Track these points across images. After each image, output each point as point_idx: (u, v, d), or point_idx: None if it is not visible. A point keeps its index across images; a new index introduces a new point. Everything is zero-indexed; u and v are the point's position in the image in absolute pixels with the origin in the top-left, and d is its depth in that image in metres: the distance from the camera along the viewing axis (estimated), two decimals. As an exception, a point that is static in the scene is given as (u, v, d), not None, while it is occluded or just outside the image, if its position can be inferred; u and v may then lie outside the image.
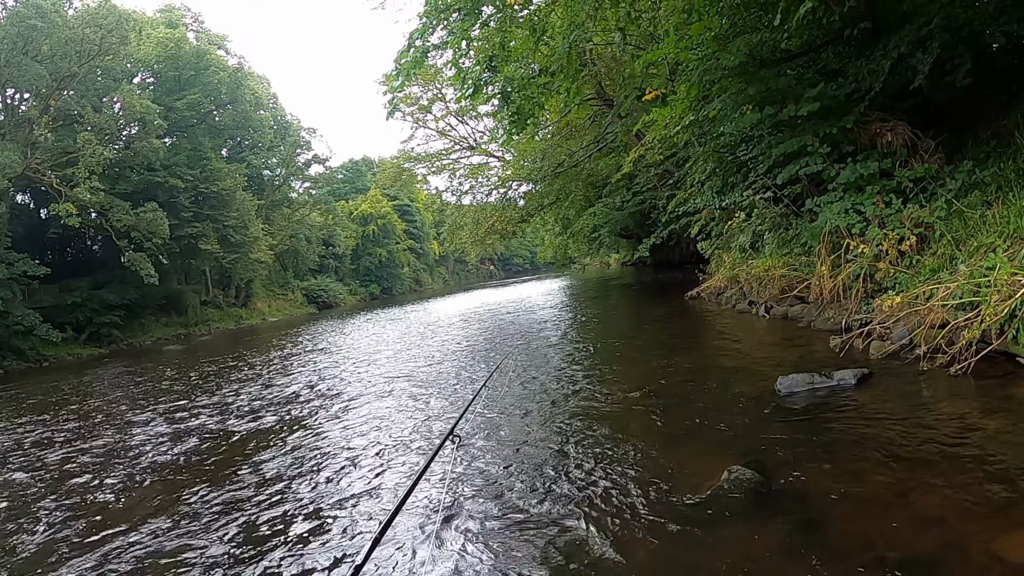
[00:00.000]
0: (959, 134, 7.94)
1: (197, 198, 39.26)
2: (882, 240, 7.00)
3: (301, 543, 3.94)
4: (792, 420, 4.71)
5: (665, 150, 15.34)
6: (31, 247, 31.37)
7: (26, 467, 7.17)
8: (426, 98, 34.60)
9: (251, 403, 9.41)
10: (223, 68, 44.44)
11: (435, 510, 3.90)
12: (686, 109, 10.13)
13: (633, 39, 13.97)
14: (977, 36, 7.24)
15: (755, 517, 3.26)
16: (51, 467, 7.01)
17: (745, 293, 11.05)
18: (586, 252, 39.53)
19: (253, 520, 4.43)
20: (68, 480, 6.31)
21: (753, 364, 6.91)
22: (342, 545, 3.80)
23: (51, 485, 6.22)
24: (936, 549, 2.71)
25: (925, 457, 3.60)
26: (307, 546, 3.88)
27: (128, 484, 5.86)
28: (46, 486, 6.20)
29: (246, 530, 4.27)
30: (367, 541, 1.81)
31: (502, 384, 7.45)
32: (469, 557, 3.35)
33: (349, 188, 79.03)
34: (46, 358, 27.91)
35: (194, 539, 4.20)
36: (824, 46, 9.09)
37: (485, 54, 11.55)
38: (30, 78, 29.45)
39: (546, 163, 26.52)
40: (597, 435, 5.10)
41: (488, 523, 3.74)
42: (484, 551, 3.39)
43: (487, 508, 3.96)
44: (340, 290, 63.26)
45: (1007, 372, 4.69)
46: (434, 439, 5.73)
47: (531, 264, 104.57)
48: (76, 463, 6.98)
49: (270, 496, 4.91)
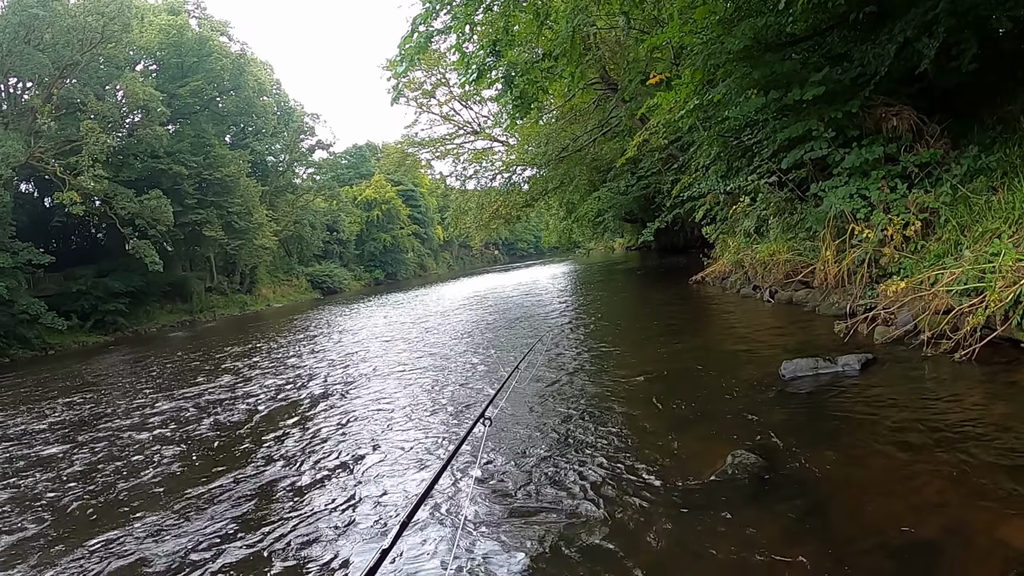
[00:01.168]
0: (965, 119, 7.90)
1: (201, 185, 39.25)
2: (887, 225, 6.99)
3: (327, 526, 3.98)
4: (796, 405, 4.75)
5: (669, 134, 15.29)
6: (35, 235, 31.43)
7: (36, 455, 7.25)
8: (430, 83, 34.38)
9: (268, 386, 9.48)
10: (226, 55, 44.23)
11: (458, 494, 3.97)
12: (690, 93, 10.10)
13: (637, 23, 13.88)
14: (983, 21, 7.18)
15: (759, 501, 3.30)
16: (74, 454, 7.09)
17: (750, 278, 11.06)
18: (590, 237, 39.36)
19: (279, 502, 4.50)
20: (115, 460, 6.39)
21: (757, 349, 6.94)
22: (369, 531, 3.84)
23: (78, 473, 6.29)
24: (939, 535, 2.73)
25: (929, 443, 3.63)
26: (334, 529, 3.92)
27: (161, 470, 5.94)
28: (57, 476, 6.28)
29: (273, 510, 4.34)
30: (398, 521, 1.83)
31: (525, 372, 7.30)
32: (484, 540, 3.41)
33: (353, 173, 78.85)
34: (51, 346, 28.02)
35: (215, 524, 4.26)
36: (829, 30, 9.02)
37: (489, 38, 11.53)
38: (32, 67, 29.36)
39: (550, 147, 26.37)
40: (602, 420, 5.16)
41: (496, 508, 3.80)
42: (496, 535, 3.45)
43: (499, 492, 4.02)
44: (344, 276, 63.30)
45: (1011, 358, 4.70)
46: (449, 427, 5.78)
47: (535, 249, 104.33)
48: (117, 445, 7.07)
49: (292, 481, 4.98)
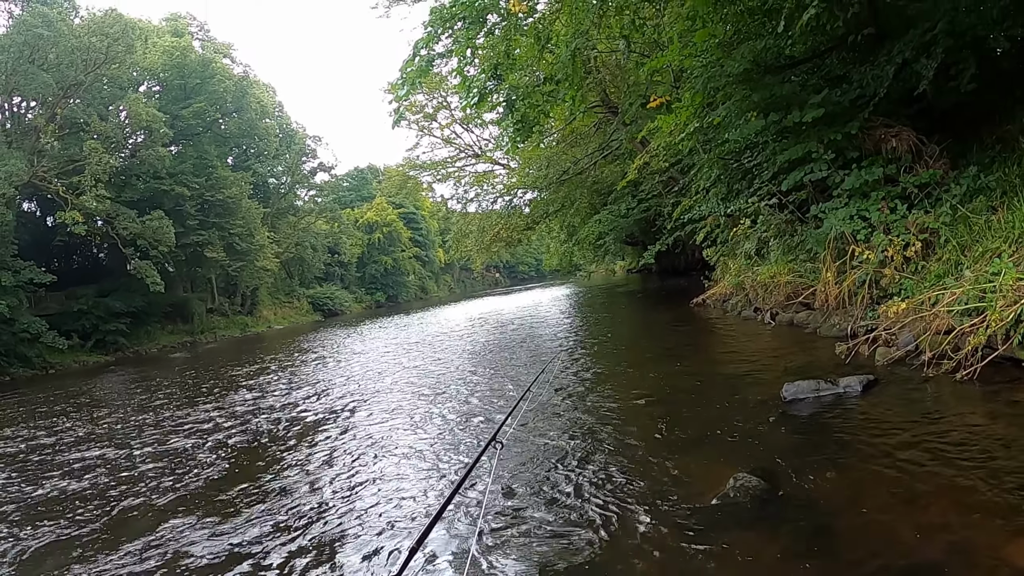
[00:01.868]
0: (964, 139, 7.94)
1: (203, 206, 39.39)
2: (887, 246, 6.99)
3: (334, 551, 3.88)
4: (798, 427, 4.70)
5: (670, 157, 15.39)
6: (37, 255, 31.53)
7: (34, 472, 7.18)
8: (431, 106, 34.74)
9: (278, 406, 9.44)
10: (228, 76, 44.71)
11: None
12: (691, 116, 10.17)
13: (637, 46, 14.03)
14: (981, 41, 7.25)
15: (761, 524, 3.25)
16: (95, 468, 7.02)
17: (751, 300, 11.04)
18: (591, 259, 39.50)
19: (286, 524, 4.42)
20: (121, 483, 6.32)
21: (758, 371, 6.89)
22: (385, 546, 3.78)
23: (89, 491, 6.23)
24: (943, 556, 2.69)
25: (931, 463, 3.59)
26: (342, 554, 3.81)
27: (181, 483, 5.88)
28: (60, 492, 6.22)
29: (280, 532, 4.27)
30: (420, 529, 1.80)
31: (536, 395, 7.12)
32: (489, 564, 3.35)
33: (354, 196, 79.29)
34: (52, 365, 27.94)
35: (238, 535, 4.20)
36: (828, 52, 9.11)
37: (490, 62, 11.63)
38: (36, 86, 29.65)
39: (551, 170, 26.52)
40: (605, 443, 5.11)
41: (506, 530, 3.72)
42: (500, 558, 3.39)
43: (505, 514, 3.95)
44: (346, 298, 63.32)
45: (1013, 378, 4.67)
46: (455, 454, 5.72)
47: (536, 271, 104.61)
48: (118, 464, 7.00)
49: (299, 502, 4.90)
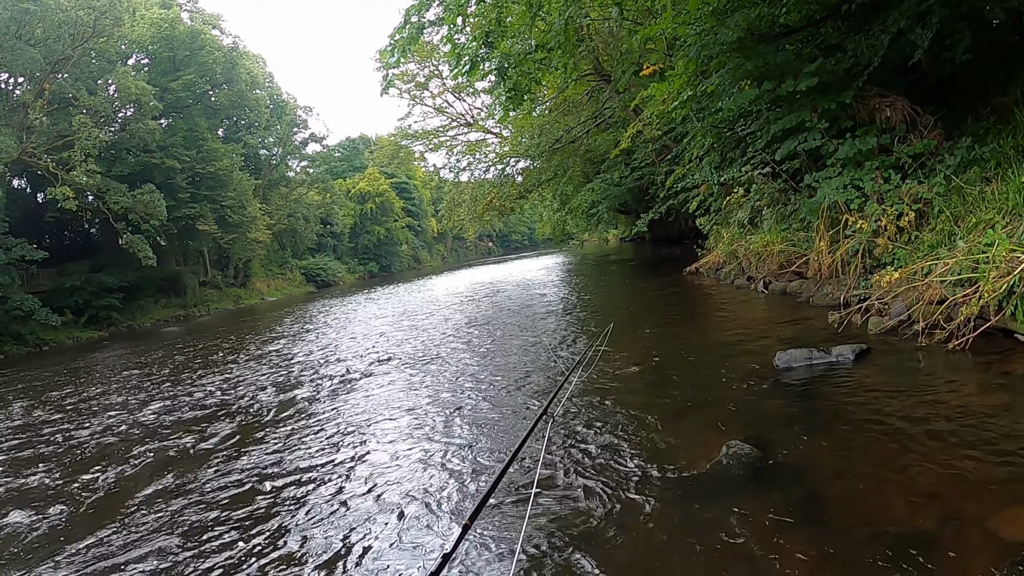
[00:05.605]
0: (958, 110, 7.92)
1: (194, 179, 39.05)
2: (881, 216, 7.01)
3: (380, 527, 3.74)
4: (790, 395, 4.76)
5: (663, 125, 15.27)
6: (29, 231, 31.34)
7: (32, 451, 7.23)
8: (423, 75, 34.37)
9: (288, 378, 9.39)
10: (218, 48, 44.02)
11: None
12: (684, 84, 10.10)
13: (630, 14, 13.85)
14: (977, 12, 7.19)
15: (754, 492, 3.32)
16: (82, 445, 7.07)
17: (743, 268, 11.09)
18: (584, 228, 39.46)
19: (320, 500, 4.39)
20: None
21: (751, 339, 6.95)
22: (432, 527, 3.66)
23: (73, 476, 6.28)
24: (933, 525, 2.75)
25: (922, 433, 3.65)
26: (391, 530, 3.69)
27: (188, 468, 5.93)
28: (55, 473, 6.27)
29: (315, 506, 4.26)
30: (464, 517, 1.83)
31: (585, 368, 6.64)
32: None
33: (346, 166, 78.70)
34: (45, 342, 27.95)
35: (280, 521, 4.23)
36: (823, 21, 9.02)
37: (481, 30, 11.45)
38: (24, 62, 29.14)
39: (544, 139, 26.34)
40: (597, 411, 5.16)
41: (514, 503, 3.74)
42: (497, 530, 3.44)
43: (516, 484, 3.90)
44: (339, 269, 63.24)
45: (1005, 348, 4.73)
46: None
47: (529, 240, 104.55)
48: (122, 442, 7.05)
49: (337, 474, 4.87)
